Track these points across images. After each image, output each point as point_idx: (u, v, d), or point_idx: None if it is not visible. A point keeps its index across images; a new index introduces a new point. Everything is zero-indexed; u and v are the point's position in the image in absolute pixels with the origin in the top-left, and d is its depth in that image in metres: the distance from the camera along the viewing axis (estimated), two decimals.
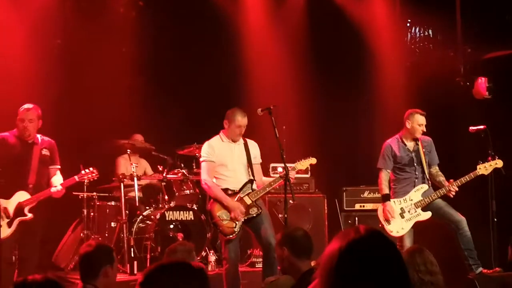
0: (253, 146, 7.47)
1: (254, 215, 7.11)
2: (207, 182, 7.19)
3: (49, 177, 7.35)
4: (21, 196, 7.06)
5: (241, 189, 7.19)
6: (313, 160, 7.49)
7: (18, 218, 7.01)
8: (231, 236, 7.01)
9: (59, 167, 7.48)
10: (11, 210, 7.00)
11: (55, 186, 7.20)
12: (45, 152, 7.31)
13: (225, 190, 7.19)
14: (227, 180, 7.23)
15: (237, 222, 7.03)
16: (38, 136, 7.33)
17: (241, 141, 7.40)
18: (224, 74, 10.75)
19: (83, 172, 7.52)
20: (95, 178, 7.72)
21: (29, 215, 7.05)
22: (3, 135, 7.23)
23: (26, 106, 7.23)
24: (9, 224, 6.98)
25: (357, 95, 10.90)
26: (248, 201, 7.14)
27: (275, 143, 7.09)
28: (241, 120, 7.25)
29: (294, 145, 9.39)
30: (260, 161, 7.51)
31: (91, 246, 4.38)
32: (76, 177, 7.45)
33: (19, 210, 7.02)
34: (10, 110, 7.71)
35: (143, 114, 10.17)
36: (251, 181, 7.26)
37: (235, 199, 7.14)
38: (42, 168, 7.28)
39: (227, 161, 7.26)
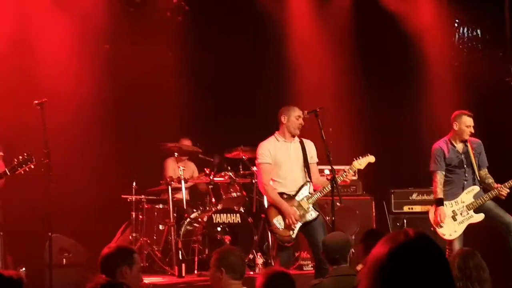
0: (310, 145, 7.24)
1: (311, 220, 6.91)
2: (264, 186, 7.02)
3: None
4: None
5: (297, 192, 6.98)
6: (371, 158, 7.26)
7: None
8: (288, 243, 6.84)
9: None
10: None
11: None
12: None
13: (281, 195, 6.97)
14: (283, 182, 7.02)
15: (294, 229, 6.82)
16: None
17: (297, 139, 7.19)
18: (270, 76, 10.77)
19: (15, 161, 6.37)
20: (32, 167, 6.43)
21: None
22: None
23: None
24: None
25: (404, 96, 10.79)
26: (305, 205, 6.90)
27: (322, 146, 7.06)
28: (297, 110, 7.13)
29: (341, 147, 9.34)
30: (317, 160, 7.25)
31: (111, 248, 4.42)
32: (6, 170, 6.36)
33: None
34: (60, 114, 7.85)
35: (190, 117, 10.24)
36: (307, 183, 7.04)
37: (293, 204, 6.91)
38: None
39: (283, 161, 7.06)
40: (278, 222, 6.84)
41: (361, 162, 7.21)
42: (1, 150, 6.37)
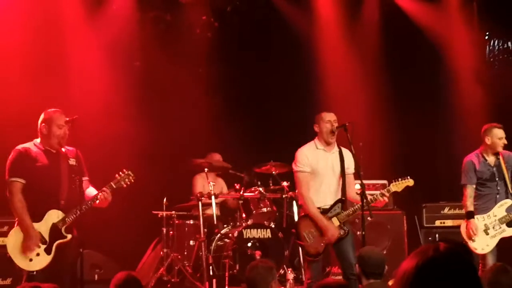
0: (348, 156, 6.98)
1: (340, 237, 6.74)
2: (304, 198, 6.82)
3: (80, 191, 6.20)
4: (54, 215, 6.09)
5: (330, 208, 6.81)
6: (410, 182, 6.95)
7: (56, 242, 6.05)
8: (316, 258, 6.75)
9: (88, 178, 6.48)
10: (45, 233, 6.03)
11: (103, 193, 6.22)
12: (72, 162, 6.29)
13: None
14: (317, 194, 6.83)
15: (323, 244, 6.71)
16: None
17: (336, 149, 7.00)
18: (299, 91, 10.76)
19: (117, 176, 6.34)
20: (132, 181, 6.43)
21: (68, 236, 6.09)
22: (26, 147, 6.19)
23: (56, 110, 6.30)
24: (48, 251, 6.01)
25: (434, 110, 10.72)
26: (336, 222, 6.75)
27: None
28: (327, 114, 6.97)
29: (371, 162, 9.30)
30: (353, 171, 7.01)
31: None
32: (112, 183, 6.31)
33: (55, 232, 6.05)
34: (90, 131, 7.91)
35: (220, 133, 10.27)
36: (341, 201, 6.84)
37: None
38: (72, 181, 6.21)
39: (320, 172, 6.86)
40: (308, 236, 6.78)
41: (399, 185, 6.94)
42: (86, 174, 6.45)
